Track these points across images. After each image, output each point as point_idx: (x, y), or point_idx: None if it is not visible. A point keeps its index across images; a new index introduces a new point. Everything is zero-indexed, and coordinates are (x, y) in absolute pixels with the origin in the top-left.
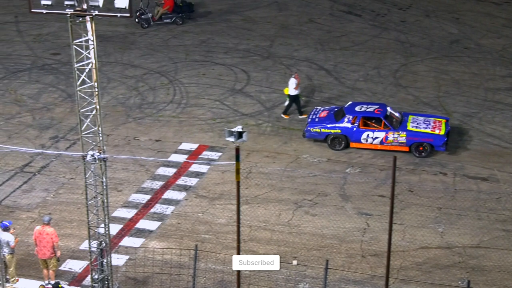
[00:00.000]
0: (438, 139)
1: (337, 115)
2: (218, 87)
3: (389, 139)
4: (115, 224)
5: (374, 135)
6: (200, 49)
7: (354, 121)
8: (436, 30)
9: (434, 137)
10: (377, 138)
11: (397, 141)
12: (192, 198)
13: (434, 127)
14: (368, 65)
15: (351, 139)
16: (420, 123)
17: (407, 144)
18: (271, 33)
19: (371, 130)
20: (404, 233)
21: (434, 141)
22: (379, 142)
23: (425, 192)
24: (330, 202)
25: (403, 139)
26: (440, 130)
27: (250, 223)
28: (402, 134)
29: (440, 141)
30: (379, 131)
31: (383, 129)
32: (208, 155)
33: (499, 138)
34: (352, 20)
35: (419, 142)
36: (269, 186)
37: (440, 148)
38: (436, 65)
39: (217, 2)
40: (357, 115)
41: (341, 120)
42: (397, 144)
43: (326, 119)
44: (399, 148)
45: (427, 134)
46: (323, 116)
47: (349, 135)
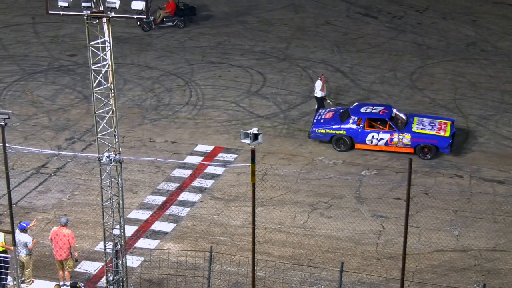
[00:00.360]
0: (443, 140)
1: (342, 116)
2: (234, 89)
3: (394, 140)
4: (130, 226)
5: (379, 137)
6: (216, 51)
7: (359, 122)
8: (453, 33)
9: (439, 139)
10: (382, 140)
11: (402, 142)
12: (208, 200)
13: (440, 128)
14: (385, 67)
15: (356, 140)
16: (426, 125)
17: (412, 145)
18: (287, 35)
19: (376, 132)
20: (419, 235)
21: (439, 143)
22: (384, 144)
23: (440, 194)
24: (345, 204)
25: (408, 140)
26: (445, 131)
27: (265, 225)
28: (407, 135)
29: (445, 142)
30: (384, 132)
31: (388, 131)
32: (223, 157)
33: None
34: (369, 22)
35: (424, 144)
36: (284, 188)
37: (445, 150)
38: (452, 68)
39: (234, 4)
40: (362, 116)
41: (346, 121)
42: (402, 146)
43: (332, 120)
44: (404, 150)
45: (432, 135)
46: (328, 117)
47: (354, 136)
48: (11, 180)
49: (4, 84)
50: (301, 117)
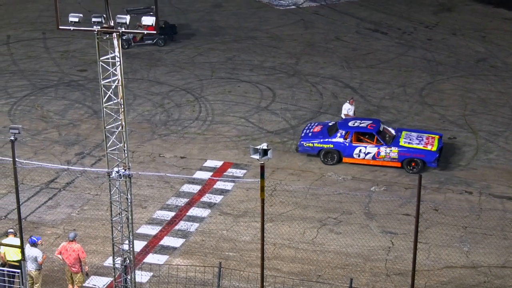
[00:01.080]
0: (429, 155)
1: (330, 130)
2: (243, 104)
3: (381, 154)
4: (139, 241)
5: (366, 150)
6: (226, 66)
7: (347, 136)
8: (463, 49)
9: (426, 153)
10: (369, 153)
11: (389, 156)
12: (217, 215)
13: (427, 143)
14: (394, 83)
15: (344, 154)
16: (413, 139)
17: (399, 159)
18: (297, 51)
19: (363, 146)
20: (429, 252)
21: (426, 157)
22: (371, 158)
23: (450, 211)
24: (354, 220)
25: (395, 154)
26: (432, 146)
27: (274, 240)
28: (394, 149)
29: (431, 157)
30: (371, 146)
31: (375, 145)
32: (233, 172)
33: None
34: (378, 38)
35: (411, 158)
36: (293, 204)
37: (432, 164)
38: (462, 84)
39: (243, 19)
40: (350, 130)
41: (334, 135)
42: (389, 160)
43: (319, 134)
44: (391, 164)
45: (418, 150)
46: (316, 131)
47: (341, 150)
48: (21, 194)
49: (15, 98)
50: None
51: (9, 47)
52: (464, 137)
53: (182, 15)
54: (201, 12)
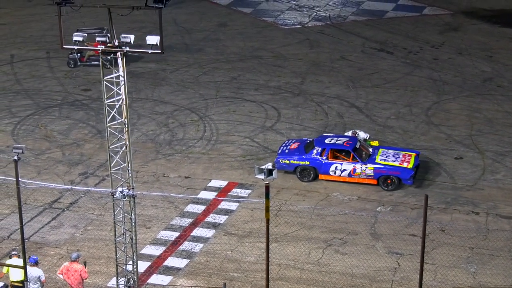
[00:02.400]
0: (405, 172)
1: (307, 147)
2: (248, 124)
3: (357, 171)
4: (143, 261)
5: (342, 167)
6: (230, 86)
7: (323, 153)
8: (469, 68)
9: (402, 170)
10: (345, 171)
11: (364, 173)
12: (221, 235)
13: (403, 160)
14: (400, 103)
15: (320, 171)
16: (389, 156)
17: (374, 176)
18: (302, 70)
19: (339, 163)
20: (435, 273)
21: (401, 174)
22: (347, 175)
23: (457, 231)
24: (360, 241)
25: (370, 171)
26: (408, 163)
27: (279, 261)
28: (370, 166)
29: (407, 174)
30: (347, 163)
31: (351, 162)
32: (237, 192)
33: None
34: (384, 58)
35: (386, 175)
36: (298, 224)
37: (408, 181)
38: (468, 103)
39: (248, 38)
40: (326, 147)
41: (310, 152)
42: (365, 177)
43: (296, 151)
44: (367, 181)
45: (394, 167)
46: (293, 148)
47: (317, 167)
48: (24, 215)
49: (18, 118)
50: None
51: (12, 67)
52: (471, 157)
53: (187, 34)
54: (206, 31)
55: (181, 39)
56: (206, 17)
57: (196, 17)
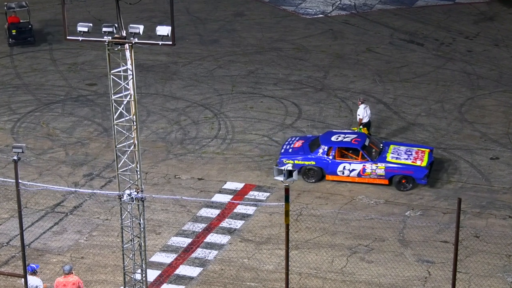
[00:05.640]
0: (419, 171)
1: (312, 145)
2: (266, 121)
3: (366, 171)
4: (152, 270)
5: (351, 167)
6: (247, 80)
7: (330, 152)
8: (506, 61)
9: (415, 169)
10: (354, 171)
11: (375, 173)
12: (237, 242)
13: (416, 158)
14: (431, 99)
15: (326, 171)
16: (401, 154)
17: (386, 176)
18: (325, 63)
19: (347, 162)
20: (469, 282)
21: (414, 173)
22: (356, 175)
23: (492, 238)
24: (387, 248)
25: (381, 171)
26: (422, 161)
27: (300, 270)
28: (381, 166)
29: (421, 173)
30: (356, 162)
31: (361, 161)
32: (254, 195)
33: None
34: (414, 50)
35: (399, 175)
36: (321, 230)
37: (421, 181)
38: (505, 99)
39: (267, 29)
40: (333, 146)
41: (316, 151)
42: (376, 177)
43: (300, 150)
44: (378, 181)
45: (407, 166)
46: (297, 147)
47: (324, 167)
48: (24, 219)
49: (18, 115)
50: None
51: (12, 59)
52: (508, 157)
53: (201, 24)
54: (221, 21)
55: (194, 30)
56: (221, 6)
57: (211, 6)
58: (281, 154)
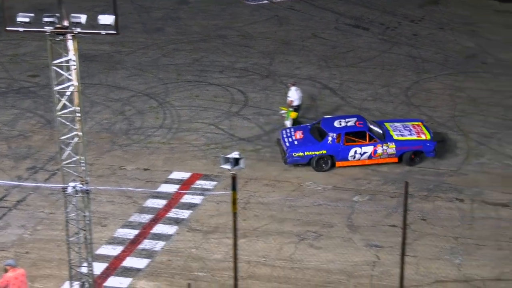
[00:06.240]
0: (427, 145)
1: (315, 134)
2: (212, 109)
3: (378, 152)
4: (99, 263)
5: (362, 151)
6: (193, 69)
7: (339, 139)
8: (451, 44)
9: (424, 144)
10: (365, 153)
11: (386, 153)
12: (185, 232)
13: (417, 132)
14: (377, 83)
15: (337, 158)
16: (402, 130)
17: (396, 154)
18: (271, 50)
19: (358, 146)
20: (417, 266)
21: (424, 148)
22: (367, 157)
23: (440, 220)
24: (336, 233)
25: (392, 150)
26: (425, 134)
27: (248, 258)
28: (391, 145)
29: (430, 147)
30: (366, 145)
31: (370, 143)
32: (202, 184)
33: None
34: (360, 34)
35: (409, 151)
36: (269, 218)
37: (430, 154)
38: (451, 82)
39: (212, 17)
40: (341, 132)
41: (325, 139)
42: (387, 156)
43: (307, 140)
44: (388, 160)
45: (416, 141)
46: (300, 138)
47: (335, 154)
48: None
49: None
50: None
51: None
52: (454, 140)
53: (145, 13)
54: (165, 9)
55: (138, 18)
56: None
57: None
58: (288, 148)
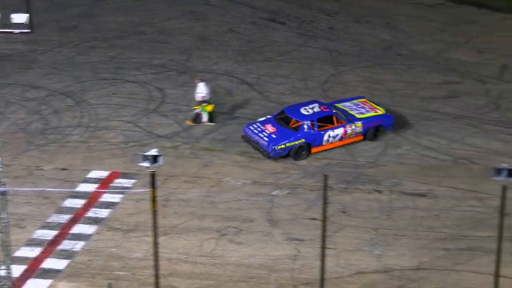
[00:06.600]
0: (387, 119)
1: (284, 124)
2: (130, 107)
3: (348, 132)
4: (17, 265)
5: (335, 133)
6: (109, 66)
7: (313, 126)
8: (367, 37)
9: (384, 118)
10: (337, 136)
11: (355, 132)
12: (104, 231)
13: (371, 108)
14: (294, 77)
15: (314, 145)
16: (358, 109)
17: (363, 132)
18: (188, 46)
19: (330, 130)
20: (338, 258)
21: (384, 122)
22: (339, 139)
23: (359, 212)
24: (256, 228)
25: (360, 129)
26: (379, 109)
27: (169, 255)
28: (359, 124)
29: (389, 120)
30: (337, 128)
31: (340, 125)
32: (121, 183)
33: (437, 150)
34: (276, 29)
35: (373, 127)
36: (189, 214)
37: (389, 127)
38: (367, 74)
39: (127, 13)
40: (313, 119)
41: (301, 128)
42: (355, 135)
43: (282, 132)
44: (356, 139)
45: (377, 117)
46: (274, 131)
47: (312, 141)
48: None
49: None
50: (205, 135)
51: None
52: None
53: (60, 10)
54: (80, 6)
55: (52, 16)
56: None
57: None
58: (268, 142)
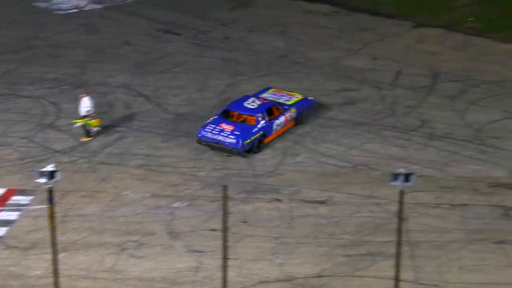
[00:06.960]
0: (307, 101)
1: (237, 120)
2: (25, 122)
3: (288, 119)
4: None
5: (279, 121)
6: (2, 81)
7: (265, 117)
8: (261, 45)
9: (305, 101)
10: (281, 123)
11: (292, 117)
12: (1, 250)
13: (288, 95)
14: (191, 88)
15: (268, 135)
16: (280, 97)
17: (296, 116)
18: (83, 59)
19: (276, 118)
20: (240, 268)
21: (306, 106)
22: (281, 127)
23: (260, 221)
24: (157, 241)
25: (294, 114)
26: (295, 96)
27: (69, 272)
28: (293, 109)
29: (311, 102)
30: (280, 116)
31: (280, 113)
32: (18, 200)
33: (335, 157)
34: (172, 40)
35: (302, 110)
36: (88, 230)
37: (309, 109)
38: (265, 83)
39: (19, 27)
40: (262, 110)
41: (257, 121)
42: (291, 120)
43: (241, 128)
44: (291, 125)
45: (301, 101)
46: (233, 128)
47: (266, 132)
48: None
49: None
50: (102, 149)
51: None
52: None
53: None
54: None
55: None
56: None
57: None
58: (236, 138)
